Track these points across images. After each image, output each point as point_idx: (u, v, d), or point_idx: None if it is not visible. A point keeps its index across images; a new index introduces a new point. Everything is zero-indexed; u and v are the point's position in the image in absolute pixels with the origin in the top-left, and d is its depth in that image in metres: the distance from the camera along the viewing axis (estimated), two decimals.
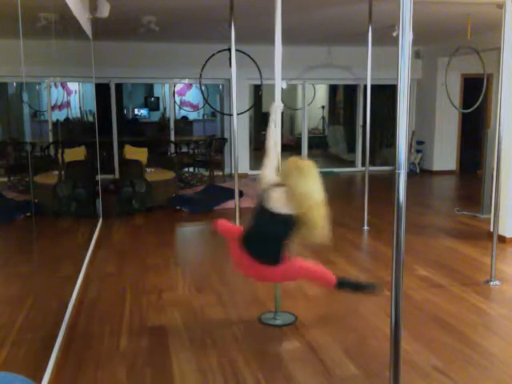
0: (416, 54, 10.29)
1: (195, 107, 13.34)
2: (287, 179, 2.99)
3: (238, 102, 6.19)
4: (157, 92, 13.77)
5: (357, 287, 3.46)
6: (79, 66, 5.54)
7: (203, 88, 7.51)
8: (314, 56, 10.03)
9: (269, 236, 3.02)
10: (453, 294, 4.00)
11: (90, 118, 8.90)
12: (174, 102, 11.76)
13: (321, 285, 3.61)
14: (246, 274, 3.31)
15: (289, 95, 13.03)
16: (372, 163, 9.86)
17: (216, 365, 2.94)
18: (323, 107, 14.20)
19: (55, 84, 6.10)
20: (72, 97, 8.52)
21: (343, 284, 3.33)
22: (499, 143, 4.33)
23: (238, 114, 5.76)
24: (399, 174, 2.02)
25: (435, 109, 10.25)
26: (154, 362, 2.97)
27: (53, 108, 6.86)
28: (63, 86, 7.59)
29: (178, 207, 7.05)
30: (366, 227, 6.02)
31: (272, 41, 3.31)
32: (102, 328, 3.42)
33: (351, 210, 7.03)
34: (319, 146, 13.57)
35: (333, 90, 13.95)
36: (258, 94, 9.92)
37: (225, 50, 5.75)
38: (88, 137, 6.89)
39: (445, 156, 10.48)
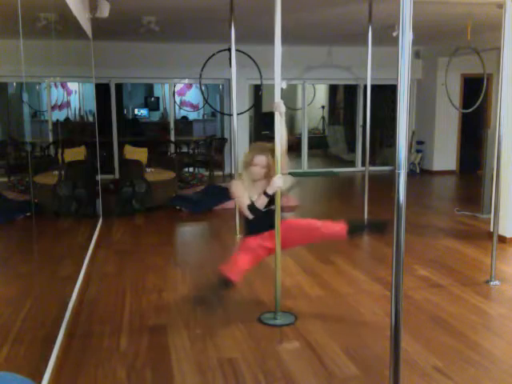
0: (416, 54, 10.29)
1: (195, 107, 13.33)
2: None
3: (238, 102, 6.19)
4: (157, 92, 13.77)
5: (366, 228, 3.66)
6: (79, 66, 5.54)
7: (203, 88, 7.51)
8: (314, 56, 10.03)
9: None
10: (453, 293, 4.01)
11: (90, 118, 8.90)
12: (174, 101, 11.76)
13: (333, 238, 3.68)
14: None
15: (289, 95, 13.03)
16: (372, 163, 9.85)
17: (216, 365, 2.94)
18: (323, 107, 14.19)
19: (55, 84, 6.10)
20: (72, 97, 8.51)
21: (354, 230, 3.46)
22: (499, 143, 4.33)
23: (238, 114, 5.77)
24: (399, 174, 2.02)
25: (435, 109, 10.26)
26: (154, 362, 2.97)
27: (53, 108, 6.85)
28: (63, 86, 7.58)
29: (178, 207, 7.05)
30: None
31: (272, 41, 3.31)
32: (102, 328, 3.42)
33: (351, 210, 7.03)
34: (319, 146, 13.57)
35: (333, 90, 13.95)
36: (258, 94, 9.91)
37: (225, 50, 5.75)
38: (88, 137, 6.89)
39: (445, 156, 10.49)
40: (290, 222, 3.55)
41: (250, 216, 3.33)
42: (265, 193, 3.30)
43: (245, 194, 3.34)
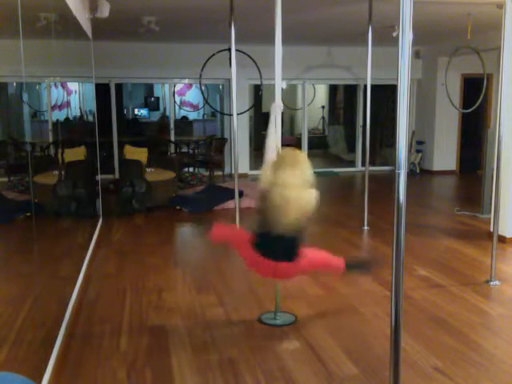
0: (416, 54, 10.29)
1: (195, 107, 13.34)
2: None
3: (238, 102, 6.19)
4: (157, 92, 13.78)
5: (363, 267, 3.67)
6: (79, 66, 5.54)
7: (203, 88, 7.51)
8: (314, 56, 10.03)
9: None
10: (453, 293, 4.01)
11: (90, 118, 8.90)
12: (174, 101, 11.76)
13: (330, 272, 3.68)
14: (265, 276, 3.24)
15: (289, 95, 13.03)
16: (372, 163, 9.86)
17: (216, 365, 2.94)
18: (323, 107, 14.20)
19: (55, 84, 6.10)
20: (72, 97, 8.52)
21: (351, 267, 3.43)
22: (499, 143, 4.33)
23: (238, 114, 5.76)
24: (399, 174, 2.02)
25: (435, 109, 10.26)
26: (154, 362, 2.97)
27: (53, 108, 6.86)
28: (63, 86, 7.59)
29: (178, 207, 7.05)
30: (365, 227, 6.02)
31: (272, 41, 3.31)
32: (102, 328, 3.42)
33: (351, 210, 7.03)
34: (319, 146, 13.58)
35: (333, 90, 13.96)
36: (258, 94, 9.92)
37: (225, 50, 5.75)
38: (88, 137, 6.90)
39: (445, 156, 10.49)
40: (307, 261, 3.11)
41: None
42: None
43: None
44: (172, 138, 10.51)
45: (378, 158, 11.41)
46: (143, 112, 13.45)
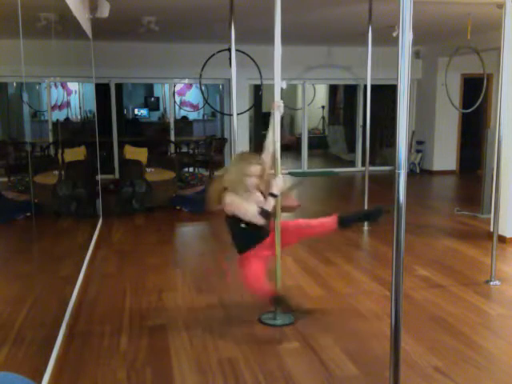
0: (416, 54, 10.29)
1: (195, 107, 13.34)
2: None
3: (238, 102, 6.18)
4: (157, 92, 13.77)
5: (360, 218, 3.73)
6: (79, 66, 5.54)
7: (203, 88, 7.51)
8: (314, 56, 10.03)
9: None
10: (453, 293, 4.01)
11: (90, 118, 8.90)
12: (174, 101, 11.76)
13: (325, 232, 3.60)
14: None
15: (289, 95, 13.03)
16: (372, 163, 9.85)
17: (216, 365, 2.94)
18: (323, 107, 14.20)
19: (55, 84, 6.10)
20: (72, 97, 8.52)
21: (346, 221, 3.46)
22: (499, 143, 4.33)
23: (238, 114, 5.76)
24: (399, 174, 2.02)
25: (435, 109, 10.26)
26: (154, 362, 2.97)
27: (53, 108, 6.86)
28: (63, 86, 7.58)
29: (178, 207, 7.05)
30: (365, 227, 6.02)
31: (272, 41, 3.31)
32: (102, 328, 3.42)
33: (351, 210, 7.01)
34: (319, 146, 13.57)
35: (333, 90, 13.95)
36: (258, 94, 9.92)
37: (225, 49, 5.74)
38: (88, 137, 6.90)
39: (445, 156, 10.49)
40: (281, 224, 3.44)
41: (262, 222, 3.22)
42: (271, 194, 3.24)
43: (248, 204, 3.21)
44: (172, 138, 10.50)
45: (378, 158, 11.39)
46: (143, 112, 13.45)
